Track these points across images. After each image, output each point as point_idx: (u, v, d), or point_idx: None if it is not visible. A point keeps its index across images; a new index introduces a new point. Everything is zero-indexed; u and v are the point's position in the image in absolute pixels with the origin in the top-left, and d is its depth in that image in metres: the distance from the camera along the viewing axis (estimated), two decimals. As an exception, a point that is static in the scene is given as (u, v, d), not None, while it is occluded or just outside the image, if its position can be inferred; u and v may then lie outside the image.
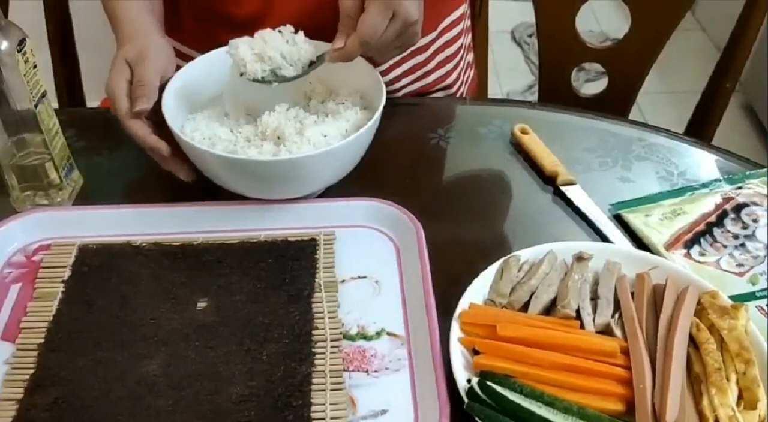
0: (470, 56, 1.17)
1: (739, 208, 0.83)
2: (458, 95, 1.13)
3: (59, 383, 0.66)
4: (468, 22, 1.14)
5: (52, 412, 0.64)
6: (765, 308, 0.73)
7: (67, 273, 0.76)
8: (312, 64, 0.83)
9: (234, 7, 0.96)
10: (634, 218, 0.83)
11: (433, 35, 1.04)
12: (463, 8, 1.09)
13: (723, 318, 0.66)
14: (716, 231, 0.81)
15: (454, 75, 1.10)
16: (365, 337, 0.71)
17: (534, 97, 1.66)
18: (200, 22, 1.01)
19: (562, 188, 0.87)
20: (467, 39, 1.13)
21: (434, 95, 1.09)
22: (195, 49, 1.01)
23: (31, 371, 0.67)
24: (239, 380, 0.66)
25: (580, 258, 0.73)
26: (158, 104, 0.80)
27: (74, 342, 0.69)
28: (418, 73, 1.06)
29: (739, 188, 0.86)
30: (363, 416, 0.64)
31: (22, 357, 0.68)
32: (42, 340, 0.70)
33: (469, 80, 1.17)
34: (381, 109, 0.80)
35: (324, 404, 0.65)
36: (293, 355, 0.68)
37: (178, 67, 0.89)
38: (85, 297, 0.73)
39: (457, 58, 1.10)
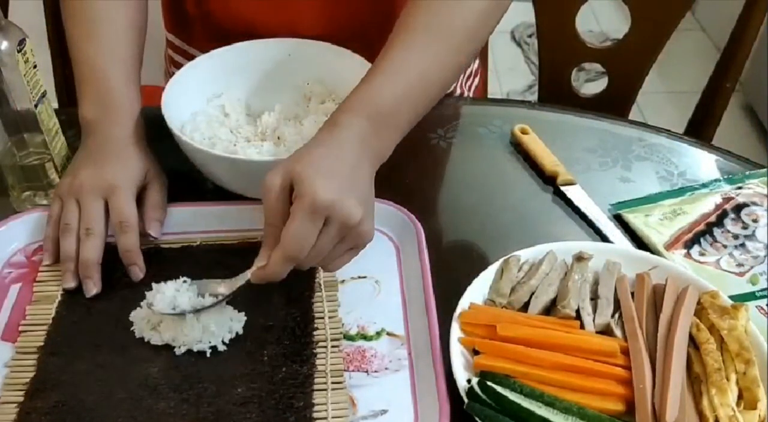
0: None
1: (739, 208, 0.83)
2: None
3: (59, 386, 0.66)
4: None
5: (53, 416, 0.63)
6: (765, 308, 0.73)
7: (67, 274, 0.76)
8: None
9: (242, 10, 0.96)
10: (634, 218, 0.83)
11: None
12: None
13: (723, 318, 0.66)
14: (716, 231, 0.81)
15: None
16: (365, 337, 0.71)
17: (534, 97, 1.66)
18: (207, 23, 1.00)
19: (562, 188, 0.87)
20: None
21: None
22: (199, 49, 1.01)
23: (31, 374, 0.67)
24: (241, 381, 0.66)
25: (580, 258, 0.73)
26: (158, 107, 0.80)
27: (74, 345, 0.69)
28: None
29: (739, 188, 0.86)
30: (363, 416, 0.64)
31: (22, 360, 0.68)
32: (41, 343, 0.69)
33: (473, 88, 1.17)
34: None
35: (325, 404, 0.65)
36: (294, 356, 0.68)
37: (179, 65, 0.89)
38: (85, 299, 0.73)
39: None
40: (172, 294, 0.69)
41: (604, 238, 0.81)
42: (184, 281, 0.71)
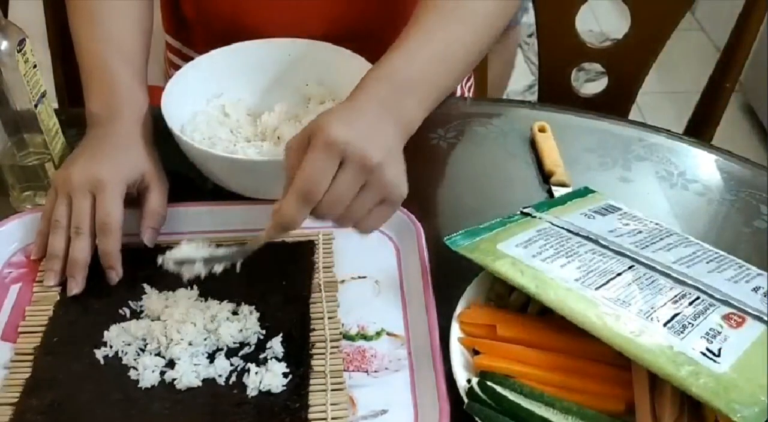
0: None
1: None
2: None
3: (55, 386, 0.65)
4: None
5: (48, 415, 0.63)
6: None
7: (66, 274, 0.76)
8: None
9: (239, 14, 0.96)
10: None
11: None
12: None
13: (723, 318, 0.66)
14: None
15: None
16: (365, 337, 0.71)
17: (534, 97, 1.66)
18: (206, 25, 1.00)
19: (552, 188, 0.87)
20: None
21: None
22: (197, 51, 1.01)
23: (27, 374, 0.67)
24: (236, 383, 0.66)
25: (580, 258, 0.73)
26: (158, 107, 0.80)
27: (70, 344, 0.69)
28: None
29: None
30: (363, 416, 0.64)
31: (19, 360, 0.68)
32: (38, 343, 0.69)
33: (471, 90, 1.17)
34: (381, 109, 0.80)
35: (325, 404, 0.65)
36: (290, 358, 0.68)
37: (178, 68, 0.89)
38: (83, 299, 0.73)
39: None
40: (185, 253, 0.68)
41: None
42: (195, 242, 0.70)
